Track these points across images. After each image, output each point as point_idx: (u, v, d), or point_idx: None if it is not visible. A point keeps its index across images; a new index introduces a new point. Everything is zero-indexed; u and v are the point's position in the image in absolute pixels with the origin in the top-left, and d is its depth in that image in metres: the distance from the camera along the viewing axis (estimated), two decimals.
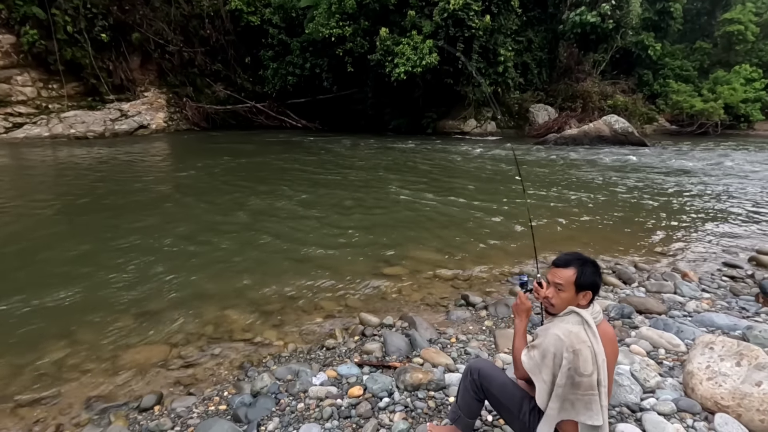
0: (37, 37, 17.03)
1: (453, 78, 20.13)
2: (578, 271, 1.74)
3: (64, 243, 5.63)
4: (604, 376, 1.61)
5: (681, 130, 26.21)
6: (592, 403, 1.61)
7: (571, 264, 1.76)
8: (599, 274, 1.77)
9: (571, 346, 1.61)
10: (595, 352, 1.61)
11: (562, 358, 1.61)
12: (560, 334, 1.64)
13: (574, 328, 1.65)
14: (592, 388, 1.60)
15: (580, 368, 1.59)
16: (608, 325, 1.81)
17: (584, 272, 1.73)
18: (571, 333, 1.63)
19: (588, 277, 1.74)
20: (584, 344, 1.61)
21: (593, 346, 1.62)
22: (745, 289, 4.34)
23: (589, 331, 1.65)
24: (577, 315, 1.69)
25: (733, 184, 10.39)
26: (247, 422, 2.42)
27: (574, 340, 1.62)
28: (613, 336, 1.78)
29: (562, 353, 1.61)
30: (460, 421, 2.08)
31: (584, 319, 1.66)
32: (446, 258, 5.24)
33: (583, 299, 1.74)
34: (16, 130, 16.61)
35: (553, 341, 1.65)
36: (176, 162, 13.55)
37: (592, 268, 1.74)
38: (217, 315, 3.82)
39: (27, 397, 2.78)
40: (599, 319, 1.73)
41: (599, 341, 1.64)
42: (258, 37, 23.30)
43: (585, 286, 1.74)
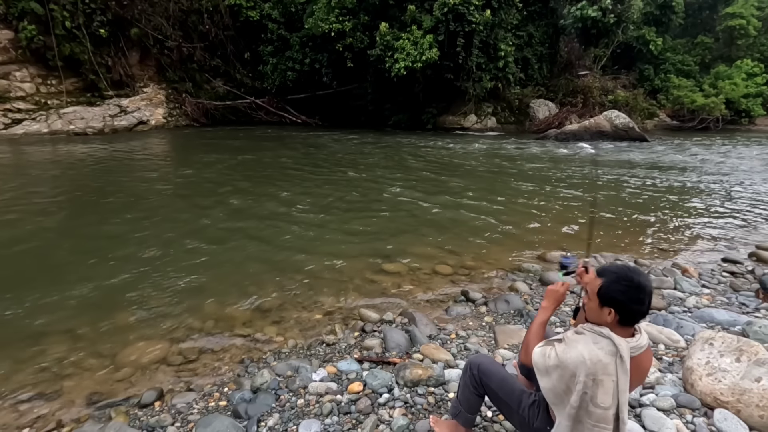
0: (35, 33, 16.95)
1: (453, 73, 20.06)
2: (604, 283, 1.57)
3: (63, 240, 5.63)
4: (625, 414, 1.52)
5: (682, 125, 26.15)
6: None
7: (604, 274, 1.60)
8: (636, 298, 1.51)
9: (594, 374, 1.49)
10: (619, 389, 1.49)
11: (578, 381, 1.50)
12: (587, 357, 1.50)
13: (605, 358, 1.50)
14: (605, 421, 1.51)
15: (597, 399, 1.49)
16: (648, 356, 1.63)
17: (610, 286, 1.55)
18: (599, 362, 1.49)
19: (611, 292, 1.54)
20: (609, 377, 1.48)
21: (618, 381, 1.49)
22: (745, 285, 4.33)
23: (620, 366, 1.49)
24: (612, 344, 1.52)
25: (734, 180, 10.37)
26: (247, 418, 2.43)
27: (600, 370, 1.49)
28: (647, 369, 1.64)
29: (581, 377, 1.50)
30: (460, 416, 2.08)
31: (619, 352, 1.50)
32: (446, 254, 5.24)
33: (608, 317, 1.55)
34: (15, 126, 16.57)
35: (576, 359, 1.52)
36: (176, 158, 13.53)
37: (625, 286, 1.52)
38: (217, 311, 3.82)
39: (27, 393, 2.79)
40: (640, 352, 1.56)
41: (627, 377, 1.50)
42: (257, 33, 23.20)
43: (605, 300, 1.56)
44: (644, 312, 1.55)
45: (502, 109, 23.56)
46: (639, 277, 1.54)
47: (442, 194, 8.36)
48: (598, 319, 1.60)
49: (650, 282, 1.57)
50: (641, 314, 1.55)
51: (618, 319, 1.55)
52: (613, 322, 1.56)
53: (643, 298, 1.51)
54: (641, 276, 1.55)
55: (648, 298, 1.52)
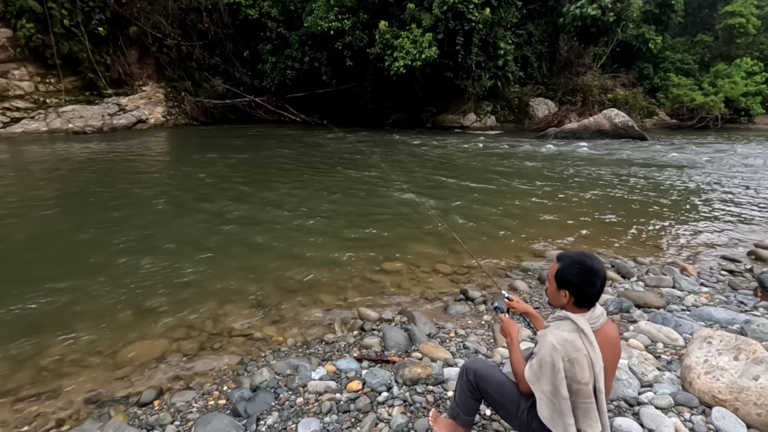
0: (33, 31, 16.91)
1: (452, 72, 20.04)
2: (560, 267, 1.70)
3: (63, 239, 5.63)
4: (602, 384, 1.60)
5: (681, 124, 26.15)
6: (590, 411, 1.60)
7: (561, 259, 1.73)
8: (588, 280, 1.63)
9: (567, 355, 1.58)
10: (592, 360, 1.59)
11: (559, 369, 1.58)
12: (555, 343, 1.61)
13: (570, 336, 1.61)
14: (589, 396, 1.59)
15: (576, 376, 1.58)
16: (612, 327, 1.75)
17: (565, 270, 1.67)
18: (566, 341, 1.60)
19: (566, 275, 1.67)
20: (580, 353, 1.58)
21: (590, 354, 1.59)
22: (744, 283, 4.34)
23: (585, 339, 1.61)
24: (572, 322, 1.65)
25: (733, 178, 10.38)
26: (246, 416, 2.43)
27: (570, 348, 1.59)
28: (615, 338, 1.73)
29: (559, 363, 1.58)
30: (459, 418, 2.09)
31: (579, 327, 1.62)
32: (445, 253, 5.24)
33: (564, 298, 1.69)
34: (14, 125, 16.54)
35: (549, 350, 1.62)
36: (175, 157, 13.52)
37: (578, 269, 1.64)
38: (217, 310, 3.82)
39: (27, 391, 2.79)
40: (600, 323, 1.68)
41: (596, 348, 1.60)
42: (256, 31, 23.16)
43: (560, 283, 1.69)
44: (596, 294, 1.66)
45: (501, 107, 23.56)
46: (592, 261, 1.66)
47: (441, 193, 8.36)
48: (556, 301, 1.74)
49: (603, 267, 1.69)
50: (593, 296, 1.66)
51: (573, 301, 1.68)
52: (569, 303, 1.69)
53: (595, 280, 1.63)
54: (594, 261, 1.67)
55: (600, 282, 1.64)
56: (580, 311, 1.68)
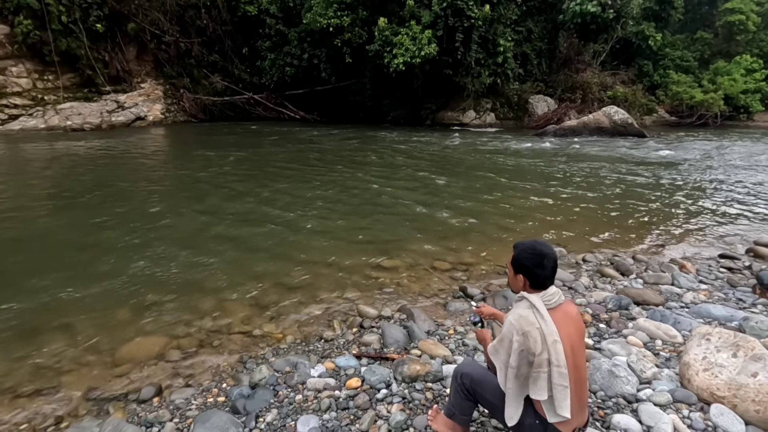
0: (31, 28, 16.84)
1: (452, 69, 19.99)
2: (515, 253, 1.87)
3: (62, 236, 5.62)
4: (554, 356, 1.70)
5: (680, 121, 26.14)
6: (538, 379, 1.72)
7: (516, 247, 1.90)
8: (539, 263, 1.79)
9: (521, 329, 1.73)
10: (544, 333, 1.71)
11: (514, 341, 1.74)
12: (512, 320, 1.77)
13: (524, 312, 1.77)
14: (540, 366, 1.71)
15: (531, 348, 1.71)
16: (571, 306, 1.89)
17: (519, 255, 1.85)
18: (521, 317, 1.75)
19: (519, 259, 1.84)
20: (532, 326, 1.72)
21: (542, 327, 1.72)
22: (743, 281, 4.35)
23: (537, 314, 1.75)
24: (526, 300, 1.81)
25: (731, 176, 10.38)
26: (245, 414, 2.43)
27: (523, 323, 1.74)
28: (575, 314, 1.86)
29: (515, 337, 1.74)
30: (455, 417, 2.11)
31: (532, 303, 1.78)
32: (444, 250, 5.24)
33: (520, 282, 1.85)
34: (12, 122, 16.50)
35: (507, 326, 1.79)
36: (173, 155, 13.49)
37: (529, 254, 1.82)
38: (216, 307, 3.82)
39: (26, 388, 2.79)
40: (555, 301, 1.80)
41: (549, 323, 1.73)
42: (255, 28, 23.08)
43: (516, 268, 1.86)
44: (548, 276, 1.81)
45: (500, 104, 23.50)
46: (542, 246, 1.84)
47: (440, 190, 8.36)
48: (515, 286, 1.91)
49: (552, 251, 1.85)
50: (545, 278, 1.81)
51: (529, 283, 1.84)
52: (525, 286, 1.85)
53: (545, 263, 1.80)
54: (544, 246, 1.85)
55: (550, 264, 1.80)
56: (536, 292, 1.82)
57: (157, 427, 2.40)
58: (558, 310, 1.81)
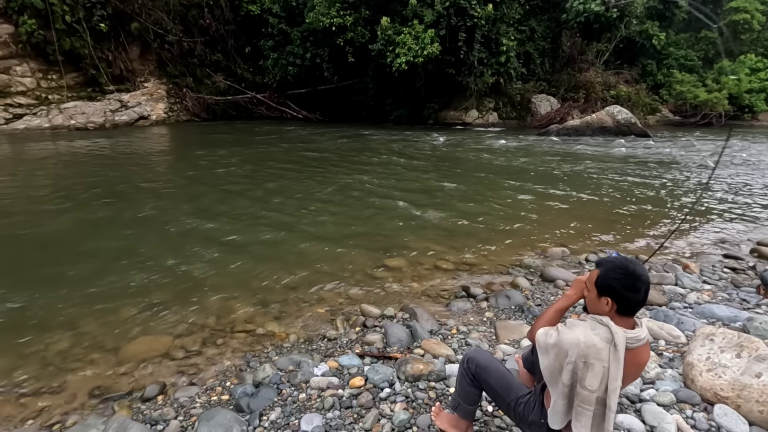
0: (35, 27, 16.90)
1: (455, 68, 19.96)
2: (601, 272, 1.62)
3: (66, 235, 5.65)
4: (613, 401, 1.54)
5: (684, 120, 26.02)
6: (582, 416, 1.59)
7: (601, 264, 1.66)
8: (632, 285, 1.54)
9: (585, 357, 1.54)
10: (609, 376, 1.52)
11: (569, 361, 1.57)
12: (582, 341, 1.56)
13: (599, 344, 1.54)
14: (589, 403, 1.56)
15: (585, 380, 1.55)
16: (646, 351, 1.66)
17: (606, 275, 1.60)
18: (593, 346, 1.54)
19: (606, 280, 1.59)
20: (600, 363, 1.53)
21: (610, 368, 1.53)
22: (747, 281, 4.33)
23: (613, 353, 1.53)
24: (609, 332, 1.56)
25: (735, 176, 10.34)
26: (249, 412, 2.44)
27: (592, 354, 1.54)
28: (642, 362, 1.65)
29: (573, 357, 1.56)
30: (460, 408, 2.10)
31: (614, 340, 1.53)
32: (447, 249, 5.24)
33: (606, 306, 1.60)
34: (17, 121, 16.57)
35: (572, 341, 1.58)
36: (176, 153, 13.52)
37: (620, 274, 1.56)
38: (219, 306, 3.83)
39: (31, 386, 2.81)
40: (637, 345, 1.58)
41: (620, 367, 1.53)
42: (258, 27, 23.10)
43: (601, 288, 1.61)
44: (640, 300, 1.57)
45: (503, 104, 23.47)
46: (634, 266, 1.58)
47: (443, 190, 8.35)
48: (597, 310, 1.64)
49: (646, 272, 1.60)
50: (637, 303, 1.58)
51: (616, 309, 1.59)
52: (611, 311, 1.60)
53: (639, 286, 1.54)
54: (637, 266, 1.58)
55: (644, 287, 1.55)
56: (622, 320, 1.59)
57: (161, 425, 2.42)
58: (633, 352, 1.57)
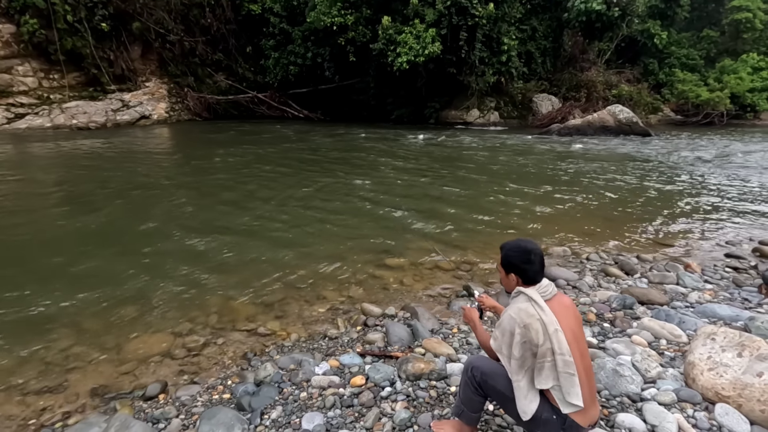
0: (37, 27, 16.93)
1: (456, 67, 19.94)
2: (502, 254, 1.97)
3: (68, 234, 5.66)
4: (557, 344, 1.74)
5: (686, 120, 25.94)
6: (543, 369, 1.77)
7: (502, 248, 2.00)
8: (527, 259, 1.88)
9: (522, 321, 1.78)
10: (545, 323, 1.76)
11: (515, 334, 1.79)
12: (512, 314, 1.83)
13: (523, 305, 1.83)
14: (544, 356, 1.76)
15: (533, 340, 1.76)
16: (564, 296, 1.97)
17: (507, 255, 1.95)
18: (521, 310, 1.81)
19: (508, 258, 1.93)
20: (533, 318, 1.78)
21: (542, 318, 1.77)
22: (748, 280, 4.32)
23: (536, 306, 1.81)
24: (524, 294, 1.87)
25: (737, 175, 10.31)
26: (250, 410, 2.45)
27: (524, 315, 1.79)
28: (570, 304, 1.94)
29: (516, 329, 1.79)
30: (464, 415, 2.08)
31: (529, 297, 1.84)
32: (448, 249, 5.24)
33: (513, 282, 1.92)
34: (19, 121, 16.61)
35: (507, 320, 1.84)
36: (178, 153, 13.54)
37: (515, 252, 1.92)
38: (221, 305, 3.84)
39: (34, 385, 2.82)
40: (550, 292, 1.88)
41: (548, 313, 1.78)
42: (259, 26, 23.10)
43: (506, 267, 1.95)
44: (537, 270, 1.89)
45: (504, 103, 23.44)
46: (526, 243, 1.95)
47: (445, 190, 8.35)
48: (508, 286, 1.98)
49: (537, 246, 1.94)
50: (535, 272, 1.89)
51: (521, 281, 1.91)
52: (518, 284, 1.93)
53: (533, 258, 1.89)
54: (528, 243, 1.95)
55: (537, 258, 1.88)
56: (529, 287, 1.89)
57: (163, 423, 2.43)
58: (553, 301, 1.87)
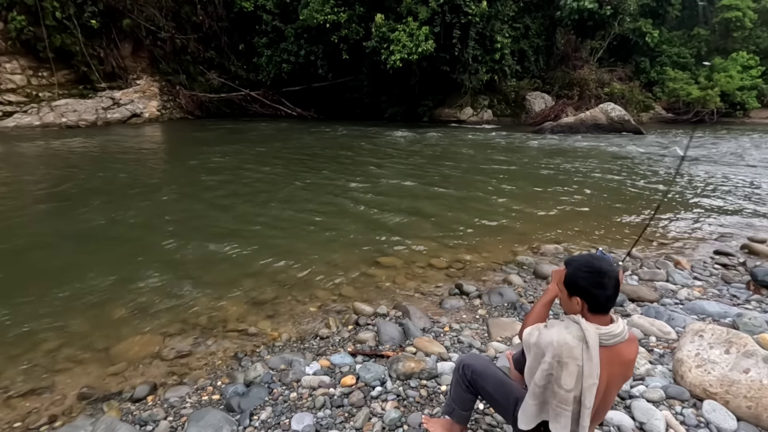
0: (25, 24, 16.67)
1: (449, 65, 19.94)
2: (568, 272, 1.65)
3: (56, 235, 5.59)
4: (588, 398, 1.53)
5: (677, 118, 26.16)
6: (560, 416, 1.58)
7: (568, 264, 1.68)
8: (598, 282, 1.56)
9: (559, 356, 1.55)
10: (584, 373, 1.52)
11: (544, 361, 1.58)
12: (555, 340, 1.57)
13: (572, 342, 1.55)
14: (566, 403, 1.56)
15: (561, 380, 1.55)
16: (631, 347, 1.64)
17: (573, 275, 1.62)
18: (566, 344, 1.55)
19: (574, 279, 1.62)
20: (574, 361, 1.53)
21: (583, 366, 1.53)
22: (737, 277, 4.37)
23: (586, 351, 1.53)
24: (580, 330, 1.56)
25: (726, 172, 10.42)
26: (240, 411, 2.43)
27: (565, 352, 1.54)
28: (630, 360, 1.64)
29: (548, 357, 1.57)
30: (454, 413, 2.07)
31: (585, 337, 1.54)
32: (440, 247, 5.24)
33: (577, 306, 1.63)
34: (7, 119, 16.36)
35: (547, 341, 1.60)
36: (169, 152, 13.42)
37: (586, 272, 1.59)
38: (211, 305, 3.81)
39: (20, 388, 2.78)
40: (615, 341, 1.57)
41: (594, 364, 1.53)
42: (251, 24, 22.92)
43: (570, 288, 1.64)
44: (609, 296, 1.58)
45: (498, 101, 23.49)
46: (600, 263, 1.60)
47: (436, 188, 8.35)
48: (570, 310, 1.67)
49: (612, 267, 1.61)
50: (606, 298, 1.58)
51: (587, 307, 1.61)
52: (583, 310, 1.62)
53: (605, 282, 1.56)
54: (603, 262, 1.61)
55: (610, 282, 1.57)
56: (596, 318, 1.59)
57: (151, 426, 2.40)
58: (613, 349, 1.57)
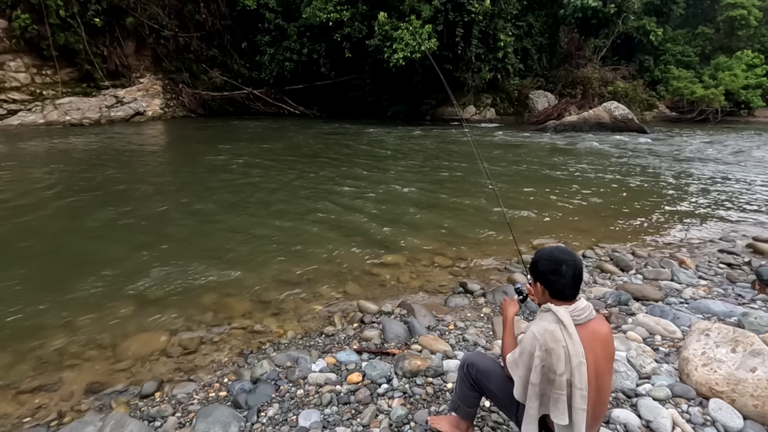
0: (29, 22, 16.73)
1: (452, 64, 19.90)
2: (532, 261, 1.77)
3: (62, 232, 5.62)
4: (578, 378, 1.57)
5: (681, 116, 26.05)
6: (559, 402, 1.60)
7: (535, 255, 1.78)
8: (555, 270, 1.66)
9: (545, 344, 1.60)
10: (570, 353, 1.57)
11: (536, 357, 1.61)
12: (536, 332, 1.63)
13: (550, 327, 1.62)
14: (561, 387, 1.59)
15: (553, 366, 1.58)
16: (602, 323, 1.71)
17: (536, 263, 1.74)
18: (546, 331, 1.61)
19: (536, 267, 1.73)
20: (558, 343, 1.58)
21: (567, 346, 1.58)
22: (742, 276, 4.36)
23: (564, 330, 1.60)
24: (553, 314, 1.64)
25: (731, 172, 10.38)
26: (247, 408, 2.45)
27: (548, 338, 1.60)
28: (606, 334, 1.69)
29: (537, 351, 1.61)
30: (460, 410, 2.09)
31: (559, 318, 1.62)
32: (445, 246, 5.25)
33: (542, 294, 1.73)
34: (11, 117, 16.43)
35: (530, 340, 1.65)
36: (173, 150, 13.46)
37: (545, 261, 1.70)
38: (217, 303, 3.83)
39: (29, 384, 2.80)
40: (584, 317, 1.64)
41: (576, 342, 1.58)
42: (254, 22, 22.93)
43: (534, 276, 1.75)
44: (567, 284, 1.66)
45: (501, 100, 23.46)
46: (560, 253, 1.70)
47: (439, 186, 8.35)
48: (538, 298, 1.79)
49: (574, 258, 1.68)
50: (563, 286, 1.66)
51: (549, 293, 1.71)
52: (547, 296, 1.72)
53: (563, 270, 1.65)
54: (563, 252, 1.71)
55: (569, 271, 1.64)
56: (561, 304, 1.67)
57: (159, 422, 2.42)
58: (586, 327, 1.64)
